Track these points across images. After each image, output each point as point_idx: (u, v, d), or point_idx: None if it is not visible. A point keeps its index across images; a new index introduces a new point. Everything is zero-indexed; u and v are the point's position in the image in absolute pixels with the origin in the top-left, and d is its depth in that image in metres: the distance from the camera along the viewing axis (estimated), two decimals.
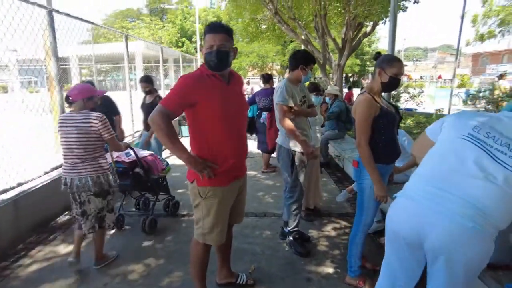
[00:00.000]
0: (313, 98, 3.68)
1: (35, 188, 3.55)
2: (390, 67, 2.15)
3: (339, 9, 9.28)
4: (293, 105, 2.84)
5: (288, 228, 3.05)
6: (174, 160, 4.95)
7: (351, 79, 35.95)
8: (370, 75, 39.13)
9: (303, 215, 3.59)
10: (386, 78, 2.16)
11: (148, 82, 4.56)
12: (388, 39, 4.33)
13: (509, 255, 1.86)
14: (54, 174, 3.98)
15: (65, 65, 14.92)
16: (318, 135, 3.67)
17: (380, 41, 36.80)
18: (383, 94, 2.40)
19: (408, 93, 9.46)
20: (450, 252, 1.34)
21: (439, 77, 35.27)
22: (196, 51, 24.95)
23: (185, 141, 1.97)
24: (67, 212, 3.91)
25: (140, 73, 15.42)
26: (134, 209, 3.84)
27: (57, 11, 3.88)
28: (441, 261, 1.37)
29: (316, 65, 11.02)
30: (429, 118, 9.62)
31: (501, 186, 1.27)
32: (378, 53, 2.33)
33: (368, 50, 33.77)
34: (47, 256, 2.98)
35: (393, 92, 7.23)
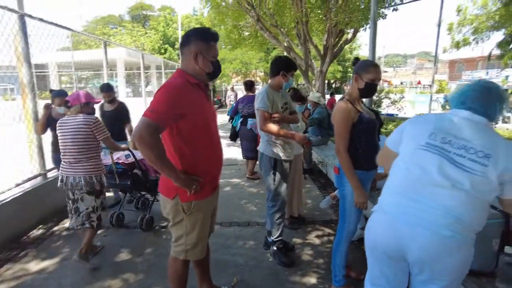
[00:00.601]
0: (297, 107, 3.66)
1: (5, 201, 3.36)
2: (366, 72, 2.14)
3: (321, 16, 9.39)
4: (272, 112, 2.80)
5: (272, 238, 2.99)
6: None
7: (333, 85, 36.45)
8: (350, 81, 39.84)
9: (287, 223, 3.53)
10: (362, 84, 2.16)
11: (111, 90, 4.28)
12: (369, 45, 4.38)
13: (493, 262, 1.85)
14: (27, 186, 3.79)
15: (44, 72, 14.51)
16: None
17: (361, 48, 37.56)
18: (365, 100, 2.39)
19: (389, 98, 9.64)
20: (434, 262, 1.33)
21: (419, 82, 36.30)
22: (179, 58, 24.71)
23: None
24: (40, 226, 3.72)
25: (121, 80, 15.13)
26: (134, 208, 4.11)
27: (30, 16, 3.74)
28: (426, 272, 1.37)
29: (298, 72, 11.11)
30: None
31: (469, 191, 1.28)
32: (356, 59, 2.33)
33: (350, 57, 34.27)
34: (17, 275, 2.79)
35: (374, 97, 7.33)
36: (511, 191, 1.29)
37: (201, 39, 1.78)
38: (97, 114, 4.31)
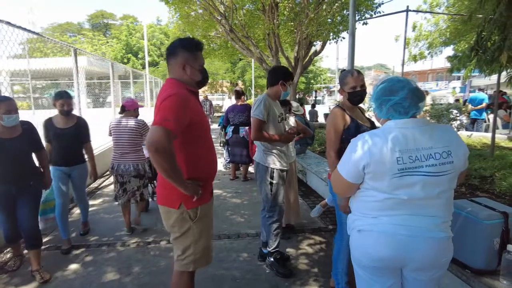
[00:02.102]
0: None
1: None
2: (344, 84, 2.26)
3: (292, 28, 9.60)
4: (268, 120, 2.80)
5: (269, 249, 2.93)
6: None
7: (297, 96, 37.42)
8: (314, 92, 41.14)
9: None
10: (346, 95, 2.26)
11: (71, 98, 3.36)
12: (348, 57, 4.55)
13: (496, 261, 1.94)
14: None
15: None
16: (291, 149, 3.63)
17: (322, 60, 39.02)
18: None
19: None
20: (433, 263, 1.44)
21: None
22: (143, 68, 24.06)
23: None
24: (8, 250, 3.35)
25: (83, 90, 14.38)
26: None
27: None
28: (426, 273, 1.46)
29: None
30: None
31: (449, 190, 1.42)
32: (342, 71, 2.44)
33: (312, 69, 35.49)
34: None
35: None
36: (465, 165, 1.45)
37: (187, 49, 1.85)
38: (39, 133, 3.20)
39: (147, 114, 9.87)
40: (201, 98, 13.62)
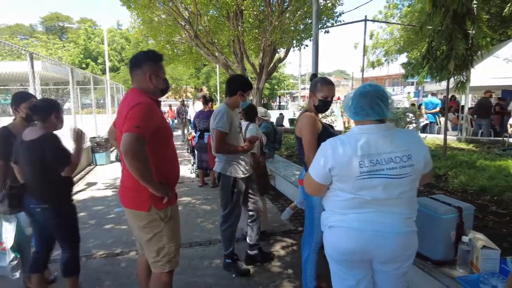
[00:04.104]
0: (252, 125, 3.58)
1: None
2: (319, 91, 2.28)
3: (256, 35, 9.76)
4: (230, 132, 2.76)
5: (225, 252, 3.02)
6: None
7: (262, 101, 37.80)
8: (278, 98, 41.81)
9: None
10: (316, 101, 2.30)
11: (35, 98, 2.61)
12: (312, 64, 4.73)
13: (453, 252, 2.12)
14: None
15: None
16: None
17: (285, 66, 39.82)
18: None
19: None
20: (400, 256, 1.55)
21: (338, 98, 39.70)
22: (103, 73, 23.21)
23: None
24: None
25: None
26: None
27: None
28: (392, 265, 1.57)
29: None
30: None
31: (410, 191, 1.53)
32: (314, 75, 2.48)
33: (276, 75, 36.11)
34: None
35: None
36: (427, 167, 1.56)
37: (152, 60, 1.96)
38: None
39: (109, 120, 9.50)
40: (178, 104, 13.31)
